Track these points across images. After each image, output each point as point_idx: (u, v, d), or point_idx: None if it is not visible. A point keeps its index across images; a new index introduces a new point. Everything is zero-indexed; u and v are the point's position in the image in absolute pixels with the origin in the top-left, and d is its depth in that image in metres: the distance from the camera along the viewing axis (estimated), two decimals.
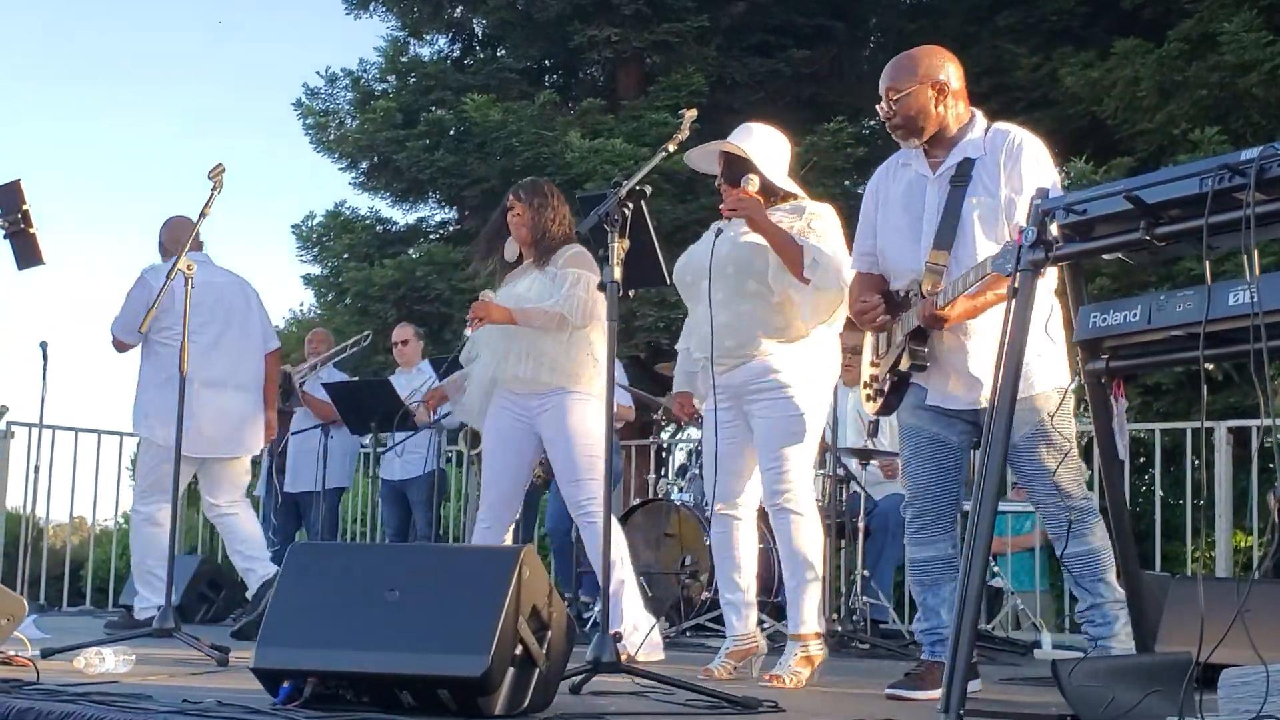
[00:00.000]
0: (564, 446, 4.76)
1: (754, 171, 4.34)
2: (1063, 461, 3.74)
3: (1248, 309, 2.69)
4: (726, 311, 4.30)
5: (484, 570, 3.08)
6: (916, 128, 3.94)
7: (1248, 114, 10.18)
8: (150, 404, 6.27)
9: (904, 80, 3.94)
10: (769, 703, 3.44)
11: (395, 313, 12.22)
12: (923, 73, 3.93)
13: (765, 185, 4.38)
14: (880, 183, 4.15)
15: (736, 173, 4.36)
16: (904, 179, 4.05)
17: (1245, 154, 2.71)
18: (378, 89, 13.71)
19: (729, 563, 4.51)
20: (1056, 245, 3.06)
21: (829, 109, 12.97)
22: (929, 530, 3.96)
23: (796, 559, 4.29)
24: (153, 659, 4.43)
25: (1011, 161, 3.80)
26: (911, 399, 4.00)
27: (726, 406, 4.43)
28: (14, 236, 4.83)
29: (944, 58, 4.00)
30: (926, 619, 4.02)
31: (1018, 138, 3.89)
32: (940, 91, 3.91)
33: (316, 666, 3.04)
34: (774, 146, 4.48)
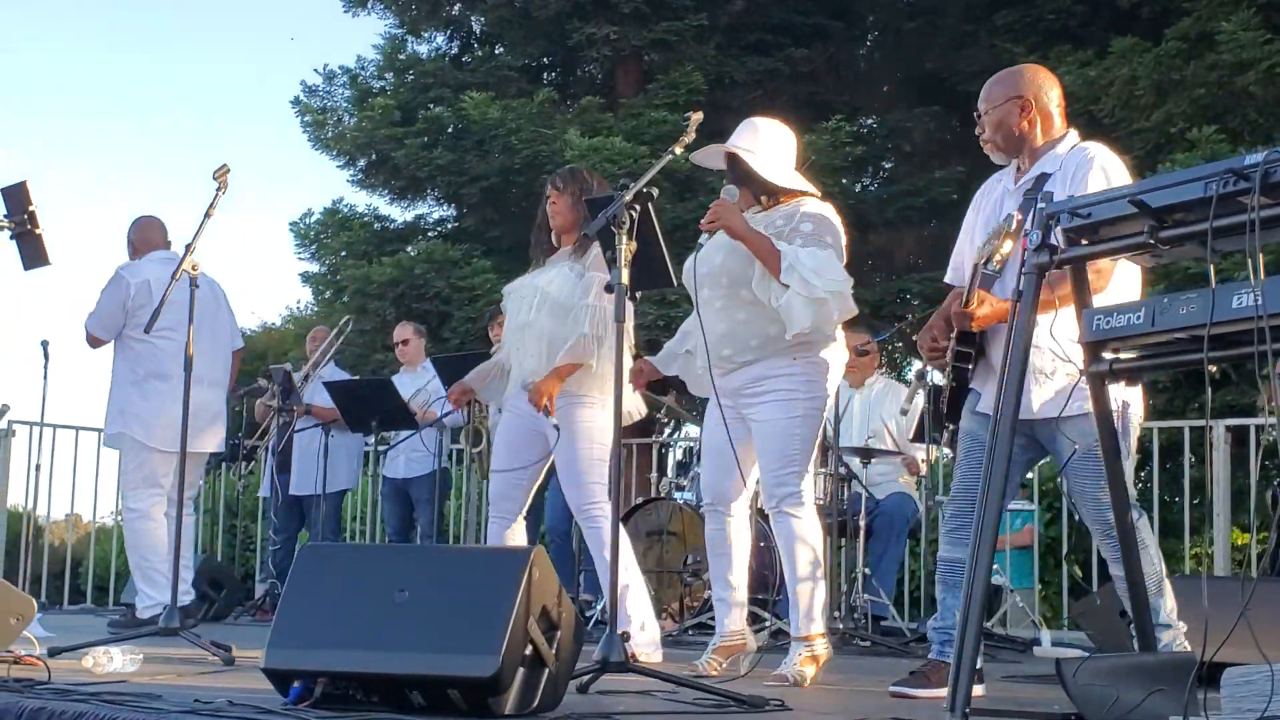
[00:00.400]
0: (568, 448, 4.75)
1: (751, 175, 4.36)
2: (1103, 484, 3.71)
3: (1252, 312, 2.71)
4: (724, 320, 4.33)
5: (494, 571, 3.10)
6: (1002, 143, 4.02)
7: (1245, 113, 10.20)
8: (129, 401, 6.32)
9: (993, 97, 4.02)
10: (775, 701, 3.47)
11: (394, 310, 12.23)
12: (1010, 90, 4.00)
13: (766, 187, 4.40)
14: (978, 197, 4.22)
15: (741, 172, 4.39)
16: (996, 193, 4.11)
17: (1250, 158, 2.73)
18: (376, 86, 13.72)
19: (721, 559, 4.56)
20: (1061, 249, 3.08)
21: (827, 108, 13.00)
22: (962, 533, 3.96)
23: (797, 561, 4.32)
24: (159, 658, 4.45)
25: (1080, 172, 3.82)
26: (969, 402, 4.03)
27: (726, 405, 4.45)
28: (20, 237, 4.85)
29: (1033, 75, 4.06)
30: (942, 618, 4.03)
31: (1091, 151, 3.91)
32: (1025, 109, 3.96)
33: (327, 667, 3.06)
34: (777, 143, 4.49)
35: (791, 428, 4.29)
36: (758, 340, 4.31)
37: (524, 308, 4.80)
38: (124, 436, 6.35)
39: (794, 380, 4.31)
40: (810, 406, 4.34)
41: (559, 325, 4.71)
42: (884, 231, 13.24)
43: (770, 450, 4.31)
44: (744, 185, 4.38)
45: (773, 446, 4.30)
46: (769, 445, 4.31)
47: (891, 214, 12.58)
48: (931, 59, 13.16)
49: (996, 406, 3.09)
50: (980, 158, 4.33)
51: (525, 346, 4.78)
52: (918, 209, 12.65)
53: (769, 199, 4.43)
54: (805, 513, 4.31)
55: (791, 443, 4.29)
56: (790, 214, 4.37)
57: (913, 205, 12.57)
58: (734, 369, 4.37)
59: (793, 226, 4.31)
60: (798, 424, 4.30)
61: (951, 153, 13.96)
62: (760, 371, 4.33)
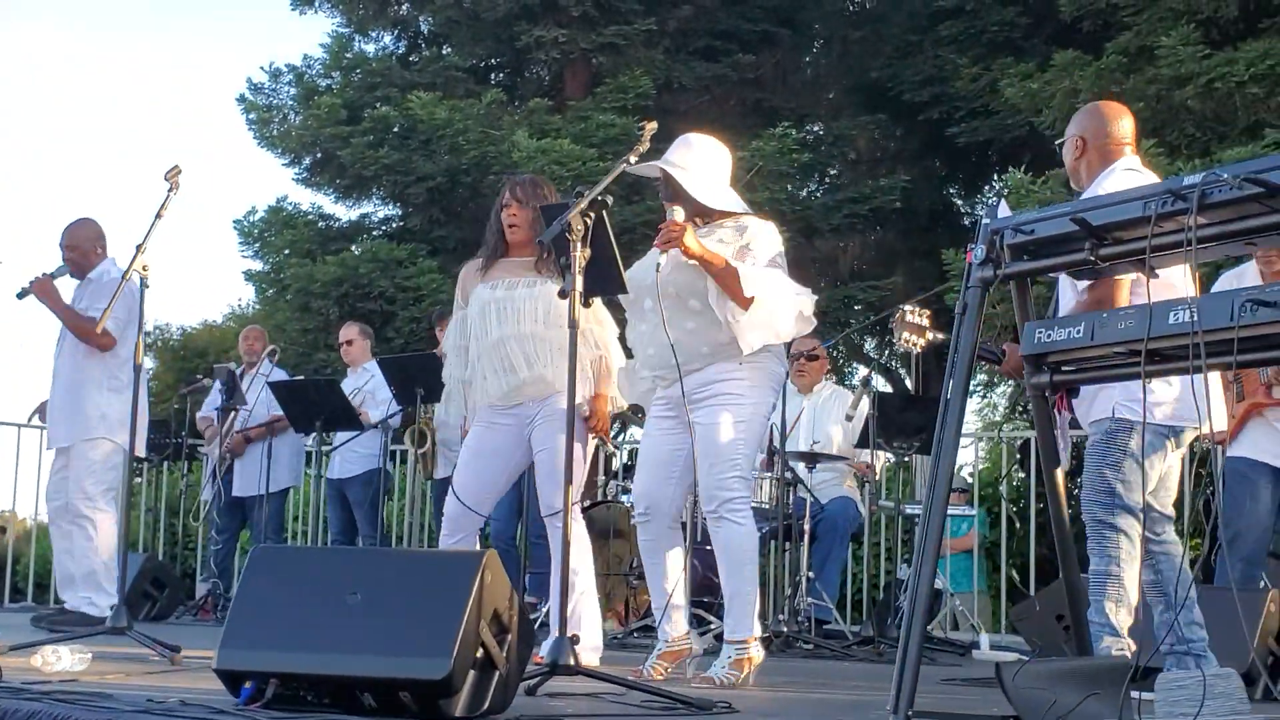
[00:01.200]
0: (554, 451, 4.68)
1: (682, 194, 4.38)
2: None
3: (1187, 328, 2.80)
4: (672, 330, 4.31)
5: (446, 574, 3.12)
6: (1069, 177, 4.21)
7: (1183, 126, 10.38)
8: (108, 405, 6.30)
9: (1067, 132, 4.18)
10: (723, 704, 3.52)
11: (337, 310, 12.20)
12: (1073, 128, 4.16)
13: (697, 208, 4.43)
14: None
15: (673, 191, 4.41)
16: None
17: (1188, 179, 2.83)
18: (322, 85, 13.70)
19: (657, 568, 4.58)
20: (1005, 264, 3.16)
21: (774, 114, 13.13)
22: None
23: (734, 565, 4.37)
24: (107, 656, 4.45)
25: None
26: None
27: (667, 415, 4.51)
28: None
29: (1094, 113, 4.19)
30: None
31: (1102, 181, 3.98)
32: (1078, 146, 4.10)
33: (278, 668, 3.07)
34: (711, 161, 4.51)
35: (735, 432, 4.33)
36: (709, 347, 4.36)
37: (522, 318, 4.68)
38: (102, 441, 6.31)
39: (740, 385, 4.36)
40: (754, 412, 4.40)
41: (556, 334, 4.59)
42: (829, 238, 13.37)
43: (711, 453, 4.34)
44: (676, 202, 4.39)
45: (714, 450, 4.33)
46: (710, 448, 4.34)
47: (837, 221, 12.71)
48: (877, 68, 13.32)
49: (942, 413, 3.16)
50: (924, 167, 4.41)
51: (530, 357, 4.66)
52: (862, 216, 12.79)
53: (703, 218, 4.47)
54: (744, 518, 4.36)
55: (734, 447, 4.33)
56: (737, 231, 4.42)
57: (857, 213, 12.70)
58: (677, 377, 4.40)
59: (742, 245, 4.36)
60: (741, 428, 4.35)
61: (895, 161, 14.15)
62: (708, 376, 4.38)
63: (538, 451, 4.75)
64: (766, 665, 5.20)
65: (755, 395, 4.40)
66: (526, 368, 4.67)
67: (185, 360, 19.09)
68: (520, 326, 4.68)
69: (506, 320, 4.70)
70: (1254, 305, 2.77)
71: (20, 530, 11.71)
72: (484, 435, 4.82)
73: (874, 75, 13.30)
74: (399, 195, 13.31)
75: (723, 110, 13.45)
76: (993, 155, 13.38)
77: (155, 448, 8.83)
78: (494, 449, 4.80)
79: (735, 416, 4.34)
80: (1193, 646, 4.10)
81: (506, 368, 4.69)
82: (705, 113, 12.91)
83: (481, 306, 4.76)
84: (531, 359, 4.66)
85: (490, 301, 4.75)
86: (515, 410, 4.78)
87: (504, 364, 4.69)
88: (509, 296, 4.72)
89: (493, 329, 4.71)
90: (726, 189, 4.54)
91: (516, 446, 4.81)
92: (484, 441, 4.82)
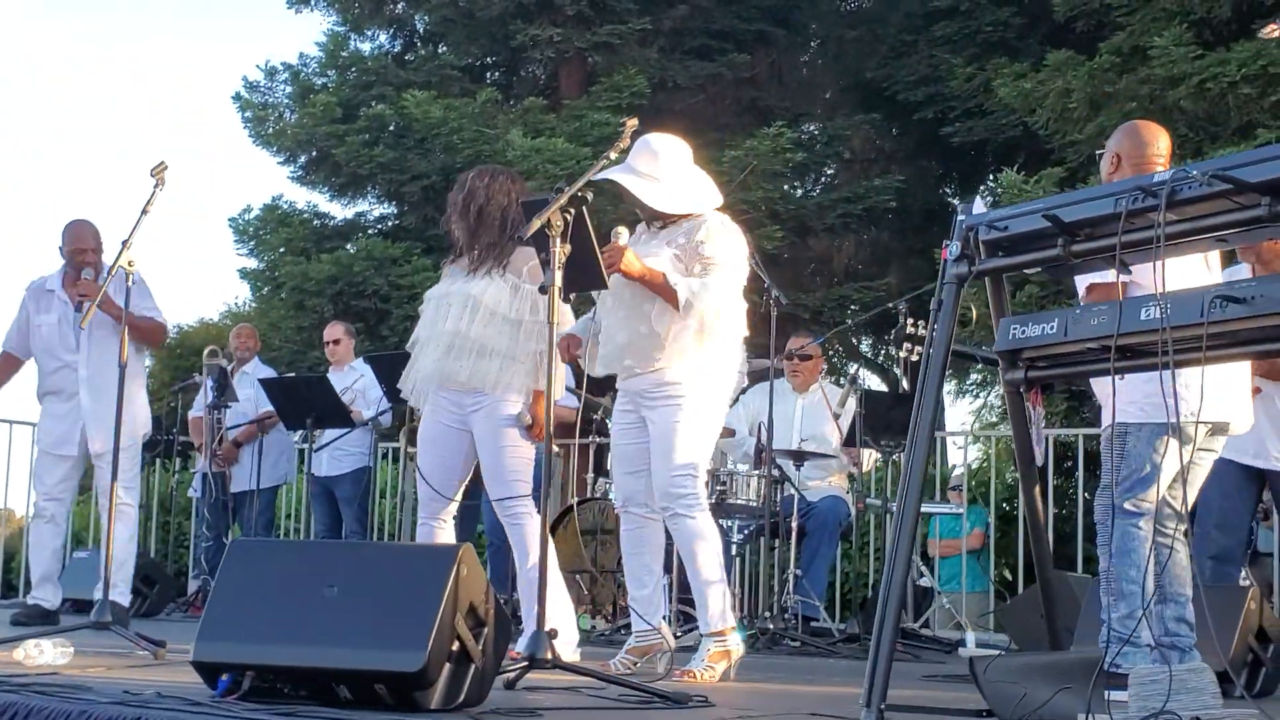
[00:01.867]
0: (493, 445, 4.76)
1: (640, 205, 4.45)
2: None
3: (1158, 324, 2.82)
4: (626, 331, 4.41)
5: (422, 568, 3.15)
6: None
7: (1176, 126, 10.38)
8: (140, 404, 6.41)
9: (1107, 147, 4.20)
10: (699, 697, 3.54)
11: (332, 308, 12.23)
12: (1111, 144, 4.17)
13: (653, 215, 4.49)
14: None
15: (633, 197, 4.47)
16: None
17: (1158, 176, 2.84)
18: (318, 83, 13.72)
19: (634, 560, 4.63)
20: (980, 260, 3.18)
21: (769, 113, 13.15)
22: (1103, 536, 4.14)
23: (700, 560, 4.40)
24: (92, 651, 4.47)
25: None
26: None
27: (628, 410, 4.56)
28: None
29: (1131, 131, 4.20)
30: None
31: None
32: (1113, 162, 4.10)
33: (255, 660, 3.09)
34: (671, 163, 4.51)
35: (686, 432, 4.38)
36: (658, 351, 4.40)
37: (450, 315, 4.72)
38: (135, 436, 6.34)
39: (691, 386, 4.39)
40: (706, 413, 4.44)
41: (496, 337, 4.68)
42: (824, 238, 13.40)
43: (663, 453, 4.39)
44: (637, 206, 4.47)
45: (666, 450, 4.38)
46: (663, 449, 4.39)
47: (831, 220, 12.72)
48: (872, 68, 13.34)
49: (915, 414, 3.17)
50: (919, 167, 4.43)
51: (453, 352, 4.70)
52: (857, 216, 12.80)
53: (662, 220, 4.51)
54: (697, 513, 4.39)
55: (685, 448, 4.37)
56: (690, 231, 4.44)
57: (852, 212, 12.71)
58: (635, 374, 4.47)
59: (693, 246, 4.40)
60: (692, 429, 4.39)
61: (890, 161, 14.16)
62: (660, 378, 4.42)
63: (478, 444, 4.78)
64: (751, 662, 5.22)
65: (707, 396, 4.44)
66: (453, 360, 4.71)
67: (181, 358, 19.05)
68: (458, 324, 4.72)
69: (446, 318, 4.74)
70: (1223, 301, 2.78)
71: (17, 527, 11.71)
72: (429, 419, 4.89)
73: (869, 75, 13.32)
74: (394, 194, 13.34)
75: (717, 109, 13.48)
76: (987, 155, 13.40)
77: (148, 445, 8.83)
78: (442, 431, 4.83)
79: (686, 417, 4.39)
80: (1178, 641, 4.12)
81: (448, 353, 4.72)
82: (700, 112, 12.95)
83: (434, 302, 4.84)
84: (459, 355, 4.69)
85: (440, 297, 4.83)
86: (453, 395, 4.78)
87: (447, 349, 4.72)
88: (447, 293, 4.79)
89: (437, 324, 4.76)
90: (687, 188, 4.53)
91: (460, 432, 4.81)
92: (431, 425, 4.88)
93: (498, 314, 4.65)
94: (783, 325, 6.59)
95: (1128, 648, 3.78)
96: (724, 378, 4.52)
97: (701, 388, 4.41)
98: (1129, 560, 3.80)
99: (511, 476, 4.71)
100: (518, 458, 4.73)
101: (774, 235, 11.69)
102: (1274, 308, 2.69)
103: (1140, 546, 3.81)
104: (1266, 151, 2.70)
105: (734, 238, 4.49)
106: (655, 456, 4.43)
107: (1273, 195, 2.66)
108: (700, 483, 4.43)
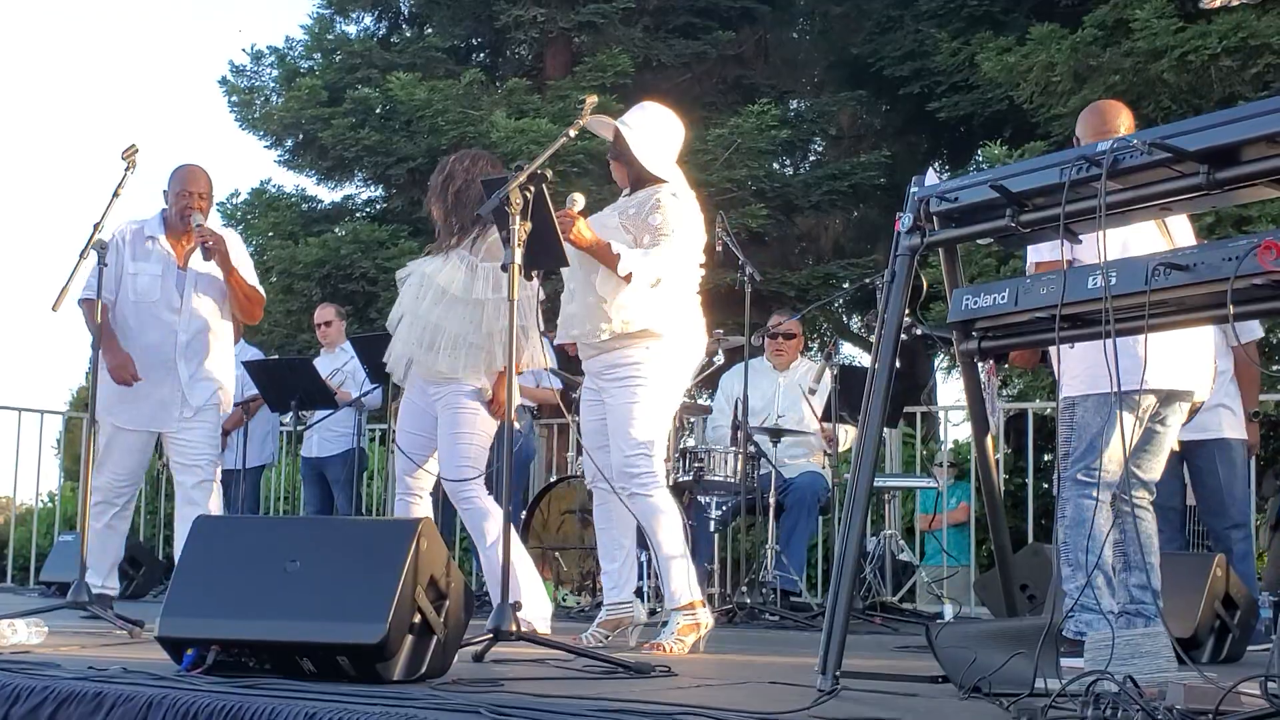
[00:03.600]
0: (448, 429, 4.80)
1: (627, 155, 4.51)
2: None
3: (1100, 293, 2.85)
4: (577, 302, 4.47)
5: (382, 541, 3.18)
6: None
7: (1159, 99, 10.40)
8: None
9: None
10: (662, 667, 3.58)
11: (320, 291, 12.25)
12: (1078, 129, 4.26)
13: (638, 171, 4.53)
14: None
15: (619, 149, 4.55)
16: None
17: (1100, 145, 2.87)
18: (304, 67, 13.71)
19: (605, 535, 4.69)
20: (931, 231, 3.21)
21: (754, 91, 13.14)
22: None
23: (661, 535, 4.43)
24: (70, 631, 4.51)
25: None
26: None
27: (591, 387, 4.62)
28: None
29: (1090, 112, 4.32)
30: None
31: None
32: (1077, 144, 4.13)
33: (219, 635, 3.14)
34: (658, 129, 4.59)
35: (641, 412, 4.41)
36: (605, 322, 4.42)
37: (407, 295, 4.84)
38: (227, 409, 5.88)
39: (643, 367, 4.43)
40: (660, 392, 4.47)
41: (447, 317, 4.74)
42: (810, 215, 13.39)
43: (620, 433, 4.43)
44: (622, 162, 4.55)
45: (622, 430, 4.42)
46: (619, 428, 4.44)
47: (817, 198, 12.72)
48: (858, 44, 13.32)
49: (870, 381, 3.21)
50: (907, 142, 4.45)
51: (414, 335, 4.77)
52: (843, 193, 12.80)
53: (638, 182, 4.56)
54: (653, 489, 4.43)
55: (640, 427, 4.41)
56: (644, 201, 4.49)
57: (838, 189, 12.71)
58: (593, 354, 4.52)
59: (644, 215, 4.44)
60: (647, 409, 4.42)
61: (878, 137, 14.15)
62: (613, 359, 4.47)
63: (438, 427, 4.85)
64: (726, 635, 5.28)
65: (660, 375, 4.47)
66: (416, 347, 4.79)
67: None
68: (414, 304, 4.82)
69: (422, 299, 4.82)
70: (1166, 269, 2.81)
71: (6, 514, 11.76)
72: (409, 394, 5.00)
73: (855, 51, 13.30)
74: (381, 176, 13.34)
75: (703, 88, 13.47)
76: (975, 129, 13.39)
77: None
78: (418, 410, 4.94)
79: (641, 397, 4.43)
80: (1143, 609, 4.16)
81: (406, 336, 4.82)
82: (685, 90, 12.93)
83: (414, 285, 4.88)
84: (425, 343, 4.77)
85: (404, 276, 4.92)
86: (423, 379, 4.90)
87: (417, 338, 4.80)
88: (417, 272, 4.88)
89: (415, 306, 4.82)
90: (666, 160, 4.58)
91: (428, 412, 4.92)
92: (409, 400, 4.99)
93: (448, 294, 4.71)
94: (767, 304, 6.63)
95: (1088, 614, 3.83)
96: (680, 356, 4.54)
97: (655, 367, 4.45)
98: (1081, 530, 3.85)
99: (462, 461, 4.77)
100: (471, 444, 4.78)
101: (759, 214, 11.69)
102: (1215, 274, 2.71)
103: (1093, 516, 3.85)
104: (1204, 119, 2.73)
105: (687, 210, 4.52)
106: (611, 436, 4.48)
107: (1210, 163, 2.69)
108: (657, 460, 4.47)
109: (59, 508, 12.44)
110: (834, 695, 2.91)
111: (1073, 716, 2.28)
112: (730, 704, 2.74)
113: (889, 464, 8.48)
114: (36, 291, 43.85)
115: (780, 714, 2.57)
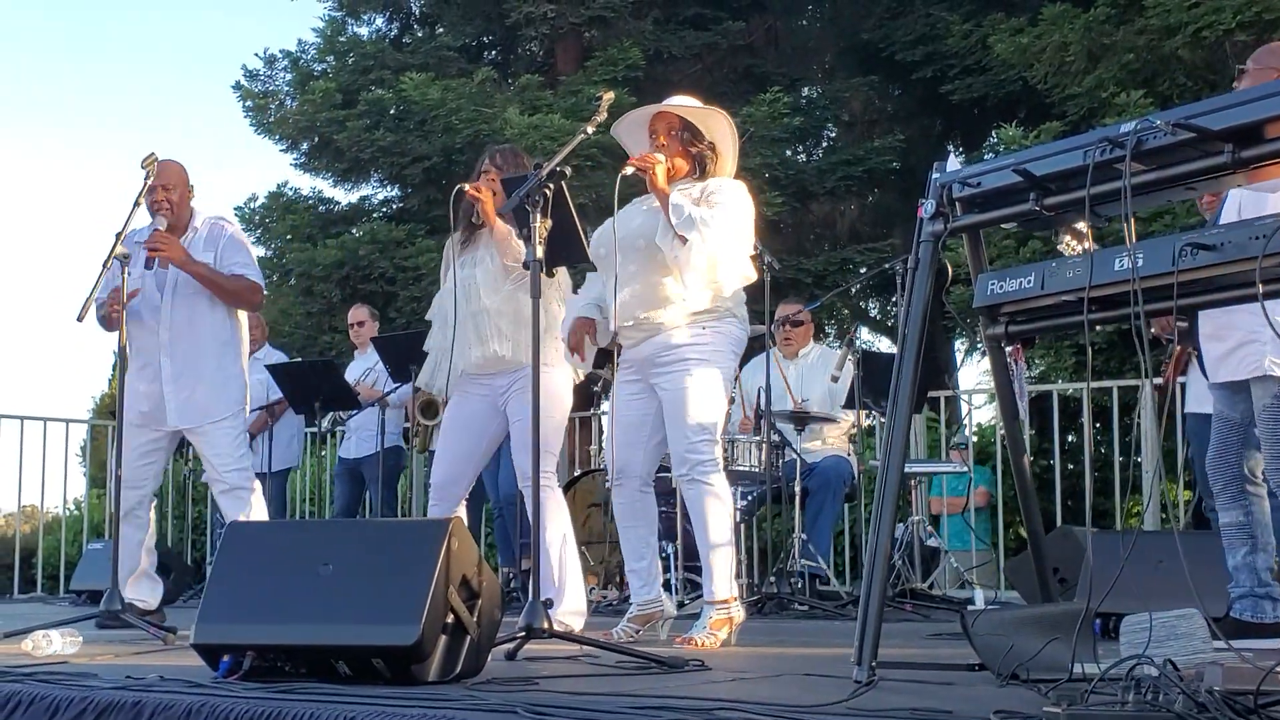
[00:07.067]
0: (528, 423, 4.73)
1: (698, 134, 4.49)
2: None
3: (1129, 274, 2.83)
4: (638, 283, 4.40)
5: (414, 542, 3.19)
6: None
7: (1173, 76, 10.36)
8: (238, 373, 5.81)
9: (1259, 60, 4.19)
10: (695, 662, 3.58)
11: (339, 293, 12.30)
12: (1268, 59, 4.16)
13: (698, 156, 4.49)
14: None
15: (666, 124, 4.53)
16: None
17: (1124, 127, 2.85)
18: (317, 70, 13.73)
19: (631, 532, 4.64)
20: (955, 217, 3.20)
21: (765, 79, 13.12)
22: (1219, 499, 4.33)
23: (711, 526, 4.40)
24: (100, 639, 4.53)
25: None
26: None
27: (633, 379, 4.56)
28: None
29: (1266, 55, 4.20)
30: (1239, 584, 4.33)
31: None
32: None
33: (254, 640, 3.14)
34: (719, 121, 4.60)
35: (701, 396, 4.37)
36: (669, 303, 4.40)
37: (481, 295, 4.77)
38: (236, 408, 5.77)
39: (702, 350, 4.40)
40: (719, 375, 4.44)
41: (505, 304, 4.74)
42: (825, 201, 13.37)
43: (680, 419, 4.38)
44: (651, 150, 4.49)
45: (682, 415, 4.37)
46: (678, 413, 4.38)
47: (832, 184, 12.70)
48: (868, 29, 13.28)
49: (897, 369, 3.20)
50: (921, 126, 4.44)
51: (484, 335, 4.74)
52: (858, 178, 12.79)
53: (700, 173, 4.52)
54: (717, 479, 4.40)
55: (701, 411, 4.37)
56: (704, 187, 4.47)
57: (853, 175, 12.69)
58: (645, 337, 4.46)
59: (704, 197, 4.41)
60: (708, 392, 4.39)
61: (891, 121, 14.11)
62: (669, 340, 4.42)
63: (513, 422, 4.81)
64: (756, 626, 5.27)
65: (718, 359, 4.44)
66: (480, 344, 4.75)
67: None
68: (481, 302, 4.77)
69: (471, 298, 4.79)
70: (1194, 249, 2.80)
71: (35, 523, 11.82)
72: (459, 404, 4.92)
73: (865, 36, 13.27)
74: (396, 177, 13.37)
75: (715, 78, 13.44)
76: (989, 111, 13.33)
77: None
78: (468, 417, 4.89)
79: (700, 380, 4.39)
80: (1272, 590, 4.17)
81: (478, 339, 4.78)
82: (697, 82, 12.89)
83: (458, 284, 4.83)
84: (485, 336, 4.74)
85: (461, 280, 4.84)
86: (487, 380, 4.85)
87: (476, 335, 4.78)
88: (471, 275, 4.83)
89: (461, 306, 4.78)
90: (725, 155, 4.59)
91: (491, 416, 4.88)
92: (460, 410, 4.92)
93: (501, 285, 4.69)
94: (785, 292, 6.62)
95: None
96: (732, 340, 4.51)
97: (710, 350, 4.41)
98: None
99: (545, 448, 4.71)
100: (551, 429, 4.69)
101: (775, 201, 11.68)
102: (1242, 253, 2.70)
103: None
104: (1229, 98, 2.71)
105: (744, 196, 4.51)
106: (670, 423, 4.42)
107: (1235, 142, 2.67)
108: (717, 446, 4.44)
109: (86, 515, 12.52)
110: (871, 687, 2.90)
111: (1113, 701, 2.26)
112: (767, 698, 2.74)
113: (914, 449, 8.46)
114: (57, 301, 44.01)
115: (819, 706, 2.57)
